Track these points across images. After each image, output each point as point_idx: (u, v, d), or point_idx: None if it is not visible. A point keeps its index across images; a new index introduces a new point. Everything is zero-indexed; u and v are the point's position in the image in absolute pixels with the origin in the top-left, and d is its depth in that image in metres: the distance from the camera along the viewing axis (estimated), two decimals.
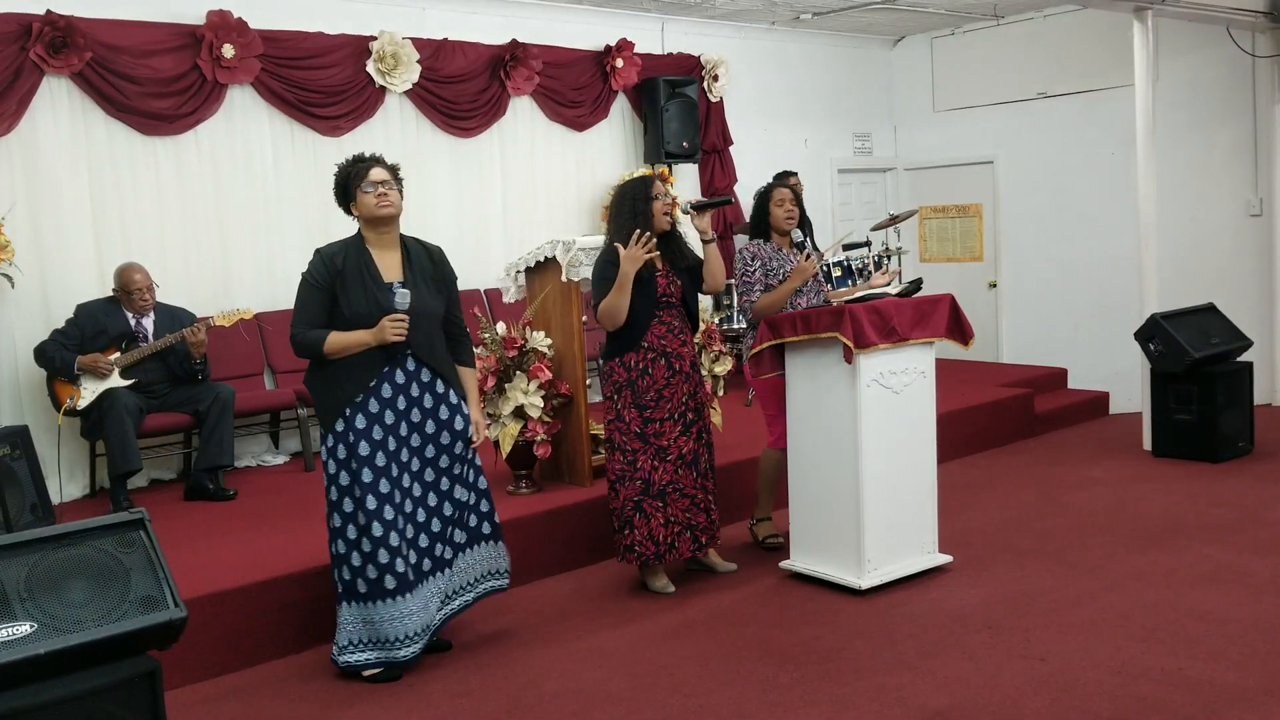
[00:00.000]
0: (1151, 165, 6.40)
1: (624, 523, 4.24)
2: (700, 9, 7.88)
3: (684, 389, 4.24)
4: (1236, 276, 7.58)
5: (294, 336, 3.57)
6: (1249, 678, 3.31)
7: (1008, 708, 3.20)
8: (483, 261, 7.09)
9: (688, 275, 4.31)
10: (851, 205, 9.34)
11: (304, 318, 3.56)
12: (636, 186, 4.23)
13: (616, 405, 4.22)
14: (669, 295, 4.23)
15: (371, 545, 3.54)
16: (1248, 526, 4.86)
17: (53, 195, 5.54)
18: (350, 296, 3.52)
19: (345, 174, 3.62)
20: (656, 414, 4.19)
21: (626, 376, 4.19)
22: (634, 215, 4.13)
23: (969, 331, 4.42)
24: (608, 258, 4.15)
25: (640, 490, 4.19)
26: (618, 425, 4.22)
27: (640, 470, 4.19)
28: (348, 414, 3.53)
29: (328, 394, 3.58)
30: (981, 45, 8.94)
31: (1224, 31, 7.22)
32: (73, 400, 5.12)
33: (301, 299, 3.58)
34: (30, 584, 2.62)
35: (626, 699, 3.41)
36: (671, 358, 4.21)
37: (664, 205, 4.19)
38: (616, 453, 4.24)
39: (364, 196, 3.55)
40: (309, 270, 3.58)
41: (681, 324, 4.30)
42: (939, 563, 4.42)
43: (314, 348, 3.54)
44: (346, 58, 6.49)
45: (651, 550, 4.23)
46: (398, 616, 3.57)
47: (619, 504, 4.25)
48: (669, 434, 4.21)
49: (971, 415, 6.72)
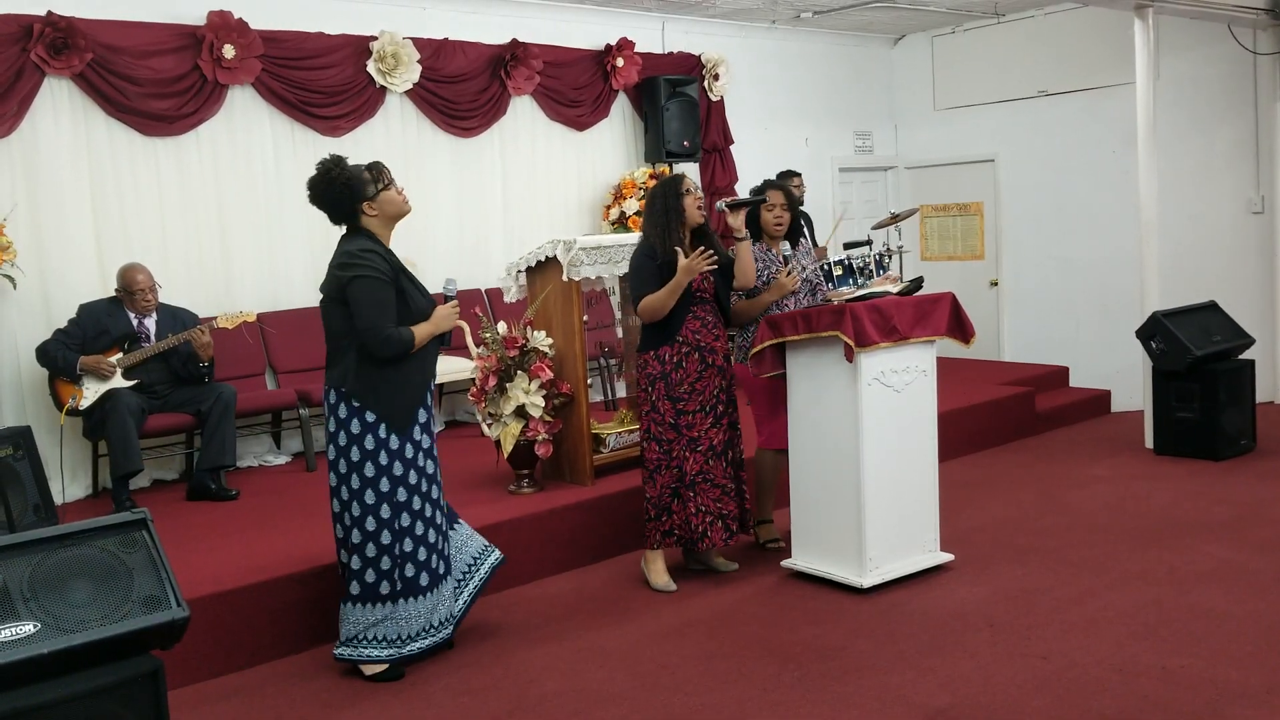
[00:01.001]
0: (1153, 163, 6.39)
1: (661, 509, 4.31)
2: (701, 8, 7.88)
3: (716, 382, 4.33)
4: (1238, 274, 7.57)
5: (386, 335, 3.43)
6: (1251, 675, 3.31)
7: (1009, 706, 3.20)
8: (483, 261, 7.10)
9: (720, 272, 4.36)
10: (852, 204, 9.34)
11: (388, 315, 3.45)
12: (668, 184, 4.32)
13: (651, 397, 4.31)
14: (702, 291, 4.31)
15: (414, 544, 3.58)
16: (1249, 524, 4.86)
17: (54, 196, 5.54)
18: (411, 293, 3.54)
19: (349, 175, 3.51)
20: (689, 406, 4.27)
21: (661, 369, 4.27)
22: (666, 211, 4.24)
23: (970, 330, 4.42)
24: (646, 251, 4.26)
25: (676, 478, 4.28)
26: (653, 416, 4.31)
27: (675, 460, 4.28)
28: (416, 414, 3.55)
29: (399, 394, 3.51)
30: (982, 43, 8.93)
31: (1225, 29, 7.22)
32: (75, 400, 5.13)
33: (376, 297, 3.43)
34: (33, 584, 2.62)
35: (628, 698, 3.41)
36: (705, 351, 4.29)
37: (695, 199, 4.26)
38: (652, 442, 4.32)
39: (390, 193, 3.56)
40: (372, 266, 3.45)
41: (715, 319, 4.37)
42: (940, 561, 4.42)
43: (410, 344, 3.49)
44: (347, 58, 6.49)
45: (689, 536, 4.32)
46: (424, 612, 3.63)
47: (656, 491, 4.32)
48: (700, 425, 4.29)
49: (973, 414, 6.72)
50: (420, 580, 3.61)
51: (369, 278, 3.44)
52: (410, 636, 3.63)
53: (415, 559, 3.59)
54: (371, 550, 3.56)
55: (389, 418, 3.50)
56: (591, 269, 4.89)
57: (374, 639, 3.61)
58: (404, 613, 3.61)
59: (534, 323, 5.03)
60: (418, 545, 3.58)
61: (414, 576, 3.59)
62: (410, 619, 3.62)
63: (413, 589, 3.60)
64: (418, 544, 3.58)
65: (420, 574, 3.61)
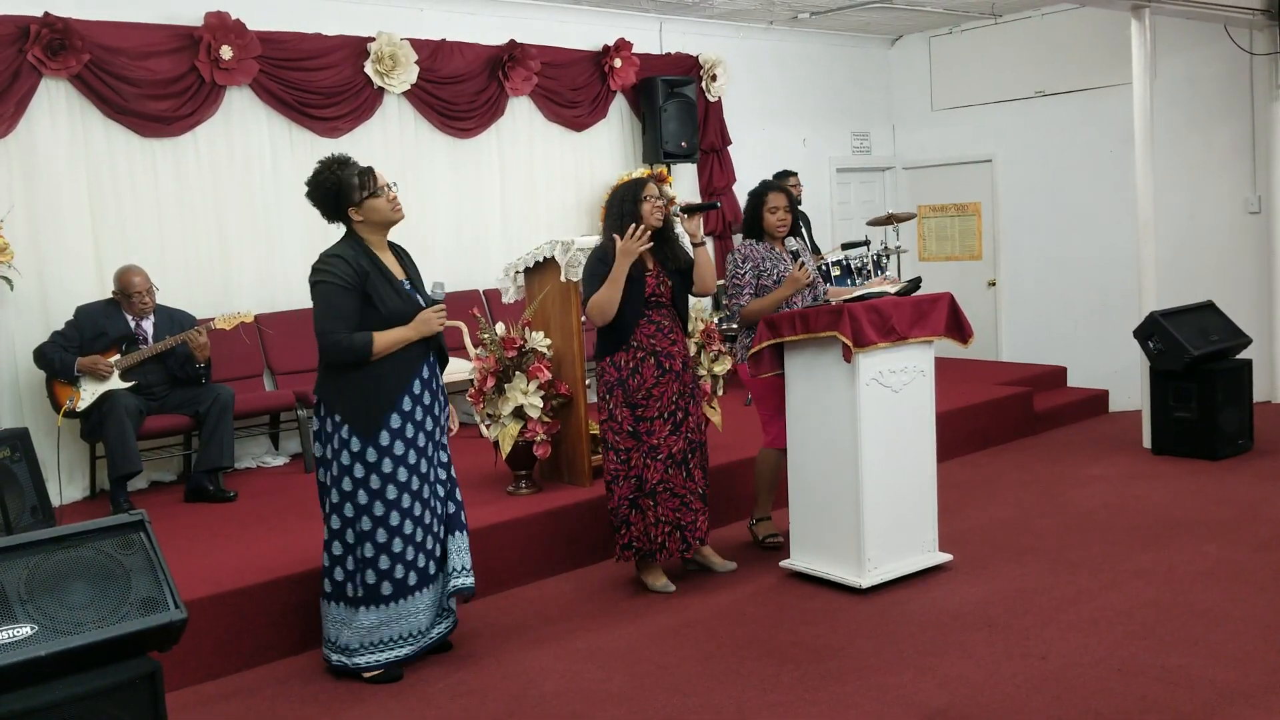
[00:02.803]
0: (1150, 163, 6.39)
1: (620, 521, 4.27)
2: (698, 9, 7.89)
3: (674, 388, 4.27)
4: (1235, 274, 7.58)
5: (335, 341, 3.43)
6: (1249, 675, 3.31)
7: (1008, 706, 3.20)
8: (481, 262, 7.10)
9: (679, 276, 4.34)
10: (850, 204, 9.35)
11: (341, 321, 3.44)
12: (629, 188, 4.29)
13: (609, 405, 4.26)
14: (658, 295, 4.27)
15: (403, 544, 3.56)
16: (1247, 523, 4.87)
17: (51, 198, 5.54)
18: (383, 296, 3.50)
19: (338, 179, 3.51)
20: (647, 413, 4.22)
21: (617, 376, 4.23)
22: (621, 216, 4.20)
23: (968, 330, 4.42)
24: (599, 255, 4.23)
25: (634, 489, 4.23)
26: (610, 425, 4.26)
27: (634, 469, 4.23)
28: (387, 419, 3.51)
29: (365, 399, 3.50)
30: (980, 44, 8.94)
31: (1221, 29, 7.22)
32: (72, 402, 5.12)
33: (331, 302, 3.44)
34: (31, 586, 2.62)
35: (627, 698, 3.41)
36: (661, 357, 4.24)
37: (653, 205, 4.23)
38: (611, 452, 4.28)
39: (376, 201, 3.54)
40: (332, 273, 3.46)
41: (672, 324, 4.33)
42: (939, 561, 4.42)
43: (363, 350, 3.45)
44: (345, 59, 6.49)
45: (648, 547, 4.28)
46: (413, 613, 3.61)
47: (614, 503, 4.28)
48: (659, 433, 4.23)
49: (971, 414, 6.72)
50: (409, 580, 3.58)
51: (326, 283, 3.46)
52: (407, 637, 3.61)
53: (376, 566, 3.55)
54: (337, 548, 3.60)
55: (352, 421, 3.50)
56: None
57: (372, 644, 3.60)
58: (398, 612, 3.59)
59: (532, 323, 5.02)
60: (379, 552, 3.54)
61: (403, 578, 3.58)
62: (402, 619, 3.59)
63: (403, 590, 3.58)
64: (379, 551, 3.54)
65: (409, 574, 3.58)
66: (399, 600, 3.60)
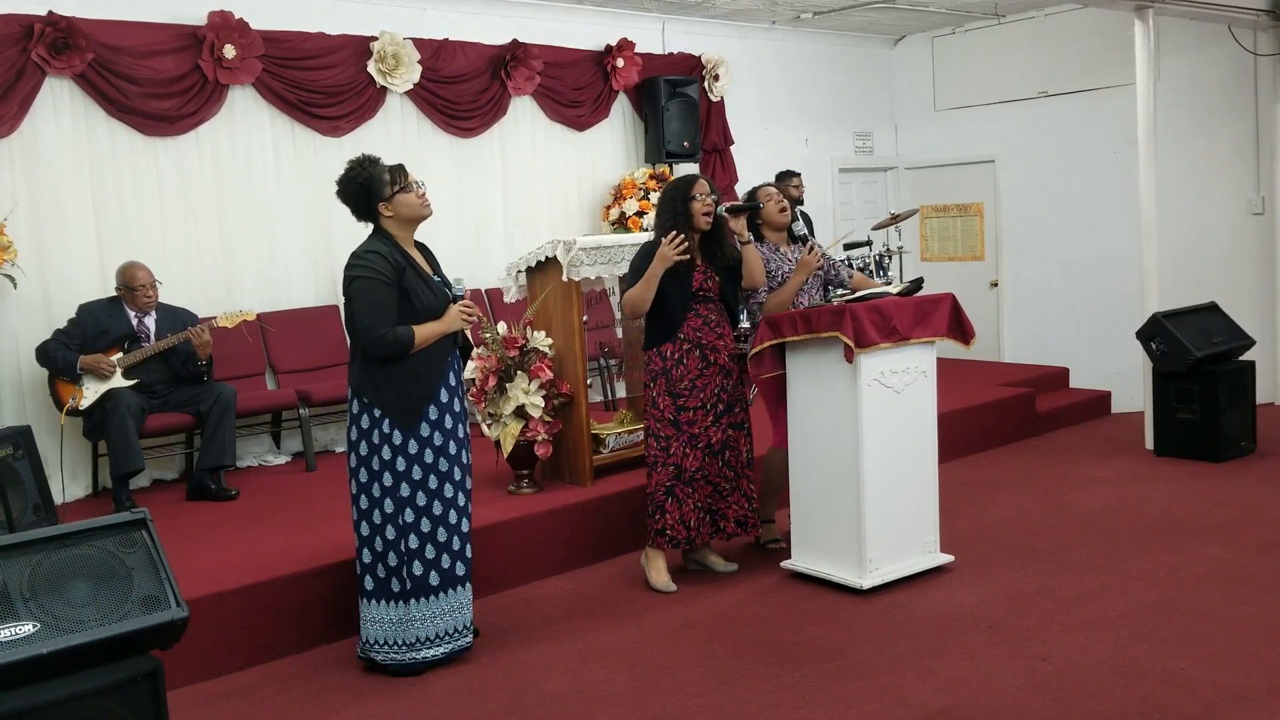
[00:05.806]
0: (1153, 164, 6.39)
1: (656, 507, 4.32)
2: (701, 9, 7.88)
3: (718, 380, 4.34)
4: (1238, 275, 7.57)
5: (380, 335, 3.47)
6: (1251, 677, 3.31)
7: (1009, 708, 3.20)
8: (483, 261, 7.10)
9: (728, 272, 4.38)
10: (852, 205, 9.35)
11: (384, 315, 3.49)
12: (679, 185, 4.34)
13: (652, 393, 4.33)
14: (706, 290, 4.33)
15: (448, 533, 3.60)
16: (1250, 526, 4.86)
17: (54, 196, 5.54)
18: (418, 291, 3.55)
19: (369, 175, 3.58)
20: (689, 403, 4.29)
21: (662, 365, 4.30)
22: (673, 215, 4.25)
23: (970, 331, 4.42)
24: (646, 250, 4.28)
25: (673, 476, 4.30)
26: (653, 413, 4.33)
27: (673, 456, 4.29)
28: (426, 410, 3.55)
29: (405, 391, 3.54)
30: (982, 44, 8.93)
31: (1225, 30, 7.21)
32: (75, 400, 5.13)
33: (374, 297, 3.48)
34: (33, 584, 2.62)
35: (628, 698, 3.41)
36: (706, 350, 4.31)
37: (703, 206, 4.25)
38: (651, 439, 4.34)
39: (407, 195, 3.58)
40: (372, 267, 3.50)
41: (719, 318, 4.39)
42: (940, 562, 4.42)
43: (407, 344, 3.50)
44: (347, 58, 6.49)
45: (683, 535, 4.33)
46: (437, 614, 3.62)
47: (652, 489, 4.33)
48: (700, 423, 4.31)
49: (973, 415, 6.72)
50: (430, 579, 3.60)
51: (367, 278, 3.51)
52: (424, 640, 3.61)
53: (423, 556, 3.58)
54: (379, 545, 3.60)
55: (393, 414, 3.54)
56: (591, 269, 4.90)
57: (388, 642, 3.60)
58: (416, 614, 3.59)
59: (534, 323, 5.03)
60: (425, 542, 3.57)
61: (423, 575, 3.59)
62: (422, 620, 3.60)
63: (422, 588, 3.59)
64: (424, 541, 3.57)
65: (429, 573, 3.59)
66: (448, 591, 3.62)
